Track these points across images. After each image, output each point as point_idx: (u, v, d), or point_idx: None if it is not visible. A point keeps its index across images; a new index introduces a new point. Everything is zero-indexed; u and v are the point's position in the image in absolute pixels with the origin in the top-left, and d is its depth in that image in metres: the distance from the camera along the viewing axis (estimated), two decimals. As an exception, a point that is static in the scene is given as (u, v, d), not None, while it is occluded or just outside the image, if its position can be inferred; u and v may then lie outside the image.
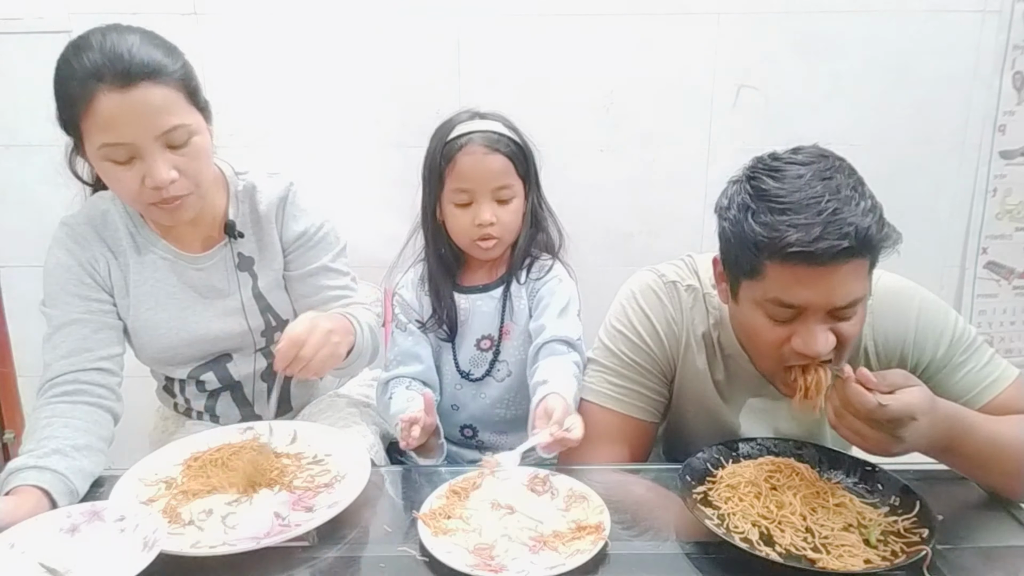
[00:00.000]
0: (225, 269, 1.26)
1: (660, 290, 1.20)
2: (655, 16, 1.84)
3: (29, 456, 1.01)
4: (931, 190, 1.95)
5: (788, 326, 1.01)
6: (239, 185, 1.26)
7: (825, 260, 0.93)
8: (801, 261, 0.94)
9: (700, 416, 1.22)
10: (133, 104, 1.04)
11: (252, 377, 1.34)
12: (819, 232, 0.93)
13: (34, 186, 1.89)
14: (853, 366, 0.99)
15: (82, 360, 1.15)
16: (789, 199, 0.96)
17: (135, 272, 1.22)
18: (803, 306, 0.98)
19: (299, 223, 1.27)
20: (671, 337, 1.19)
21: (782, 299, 0.99)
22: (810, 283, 0.96)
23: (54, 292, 1.19)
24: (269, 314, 1.30)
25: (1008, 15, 1.85)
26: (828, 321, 0.99)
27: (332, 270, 1.31)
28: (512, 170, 1.32)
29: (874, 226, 0.95)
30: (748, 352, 1.13)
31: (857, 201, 0.95)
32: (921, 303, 1.13)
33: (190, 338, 1.26)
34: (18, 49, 1.82)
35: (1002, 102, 1.92)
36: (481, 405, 1.41)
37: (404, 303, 1.41)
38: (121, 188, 1.11)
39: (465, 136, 1.31)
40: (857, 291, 0.98)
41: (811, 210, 0.94)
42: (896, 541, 0.92)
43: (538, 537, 0.95)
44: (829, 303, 0.97)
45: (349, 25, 1.85)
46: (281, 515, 0.99)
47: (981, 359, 1.11)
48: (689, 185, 1.93)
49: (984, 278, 2.04)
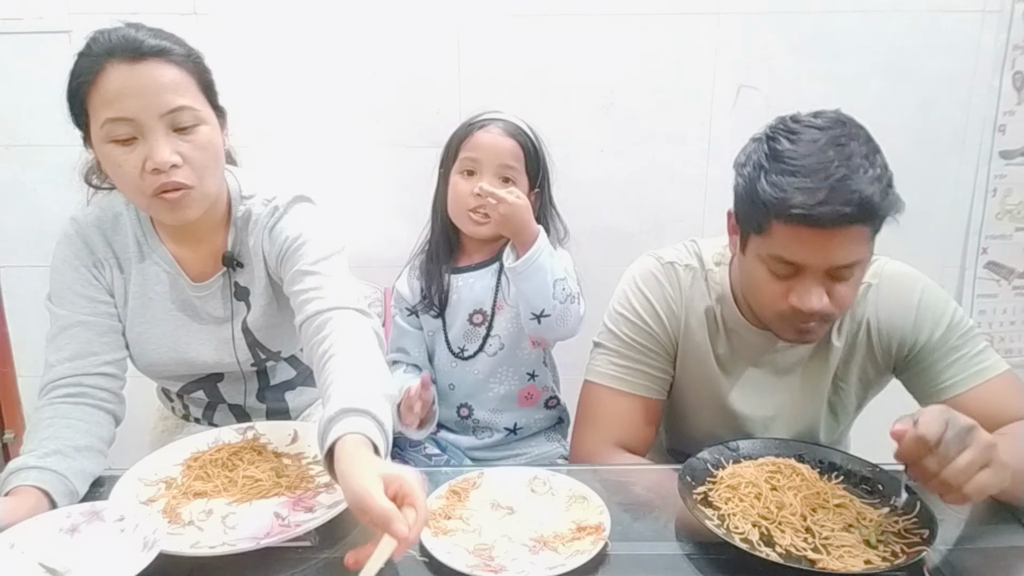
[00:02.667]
0: (222, 298, 1.23)
1: (659, 272, 1.25)
2: (655, 16, 1.84)
3: (29, 456, 1.01)
4: (931, 190, 1.94)
5: (787, 282, 1.06)
6: (238, 212, 1.21)
7: (826, 224, 0.98)
8: (804, 223, 0.99)
9: (700, 390, 1.25)
10: (140, 77, 1.02)
11: (243, 396, 1.33)
12: (823, 196, 0.97)
13: (34, 186, 1.89)
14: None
15: (86, 364, 1.14)
16: (800, 162, 1.00)
17: (135, 283, 1.21)
18: (802, 265, 1.03)
19: (276, 244, 1.18)
20: (671, 316, 1.23)
21: (784, 256, 1.04)
22: (811, 244, 1.01)
23: (60, 290, 1.17)
24: (258, 348, 1.26)
25: (1008, 15, 1.85)
26: (825, 280, 1.04)
27: (307, 273, 1.13)
28: (521, 158, 1.41)
29: (878, 194, 0.99)
30: (749, 301, 1.17)
31: (866, 169, 0.99)
32: (924, 287, 1.18)
33: (180, 358, 1.24)
34: (18, 49, 1.82)
35: (1002, 102, 1.92)
36: (475, 381, 1.48)
37: (398, 296, 1.51)
38: (123, 176, 1.07)
39: (488, 119, 1.43)
40: (856, 254, 1.02)
41: (819, 175, 0.98)
42: (896, 541, 0.92)
43: (538, 537, 0.95)
44: (828, 263, 1.02)
45: (349, 25, 1.85)
46: (281, 515, 0.99)
47: (975, 347, 1.15)
48: (689, 185, 1.93)
49: (984, 278, 2.04)
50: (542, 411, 1.54)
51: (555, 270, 1.33)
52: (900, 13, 1.84)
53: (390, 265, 1.60)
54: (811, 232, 0.99)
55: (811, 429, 1.25)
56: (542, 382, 1.52)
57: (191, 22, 1.81)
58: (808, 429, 1.24)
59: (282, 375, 1.34)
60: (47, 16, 1.81)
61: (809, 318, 1.06)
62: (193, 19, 1.82)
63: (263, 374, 1.32)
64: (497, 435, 1.50)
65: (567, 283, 1.35)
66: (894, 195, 1.02)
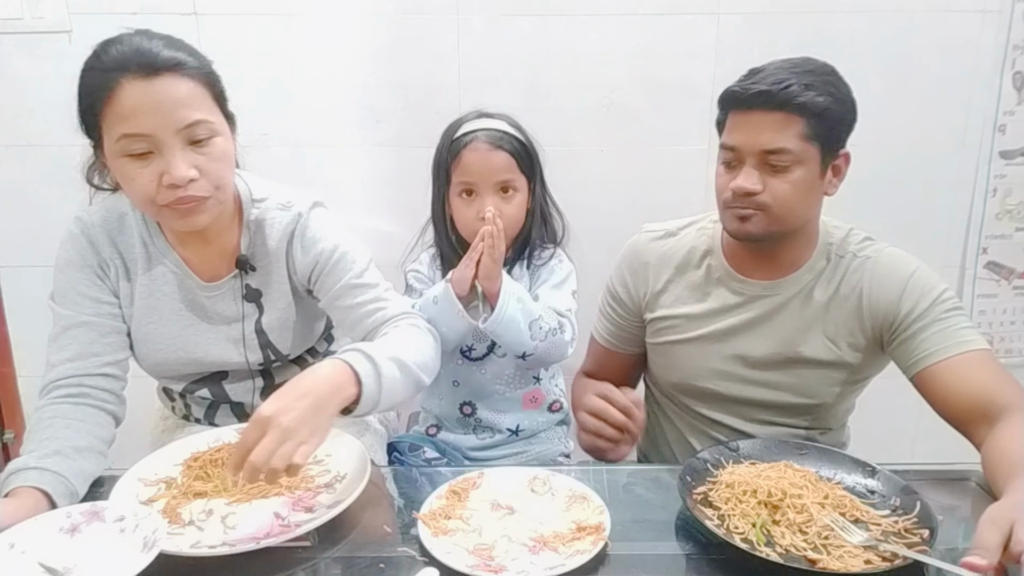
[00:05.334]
0: (233, 298, 1.23)
1: (637, 244, 1.43)
2: (655, 16, 1.84)
3: (29, 457, 1.01)
4: (931, 190, 1.94)
5: (733, 171, 1.20)
6: (251, 215, 1.21)
7: (753, 103, 1.15)
8: (737, 105, 1.18)
9: (677, 344, 1.36)
10: (156, 94, 1.02)
11: (252, 395, 1.33)
12: (755, 81, 1.16)
13: (34, 186, 1.89)
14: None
15: (88, 365, 1.14)
16: (756, 69, 1.19)
17: (142, 284, 1.20)
18: (739, 147, 1.18)
19: (309, 254, 1.21)
20: (640, 284, 1.40)
21: (725, 142, 1.22)
22: (742, 126, 1.18)
23: (64, 289, 1.17)
24: (269, 350, 1.27)
25: (1008, 15, 1.85)
26: (762, 170, 1.17)
27: (358, 286, 1.21)
28: (515, 166, 1.39)
29: (808, 92, 1.13)
30: (717, 207, 1.28)
31: (808, 80, 1.14)
32: (919, 267, 1.24)
33: (187, 358, 1.25)
34: (18, 49, 1.82)
35: (1002, 102, 1.92)
36: (480, 380, 1.48)
37: (418, 274, 1.49)
38: (136, 189, 1.06)
39: (470, 134, 1.39)
40: (781, 141, 1.15)
41: (763, 73, 1.17)
42: (896, 541, 0.92)
43: (538, 538, 0.95)
44: (756, 144, 1.16)
45: (349, 25, 1.85)
46: (281, 515, 0.99)
47: (959, 323, 1.18)
48: (689, 185, 1.92)
49: (984, 278, 2.04)
50: (545, 414, 1.54)
51: (529, 312, 1.33)
52: (900, 13, 1.84)
53: (390, 265, 1.59)
54: (743, 115, 1.17)
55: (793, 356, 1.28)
56: (547, 386, 1.53)
57: (191, 22, 1.81)
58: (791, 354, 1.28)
59: (287, 375, 1.34)
60: (47, 16, 1.81)
61: (745, 201, 1.18)
62: (193, 19, 1.82)
63: (268, 374, 1.32)
64: (499, 435, 1.50)
65: (543, 320, 1.35)
66: (831, 103, 1.15)
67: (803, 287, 1.27)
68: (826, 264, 1.27)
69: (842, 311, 1.25)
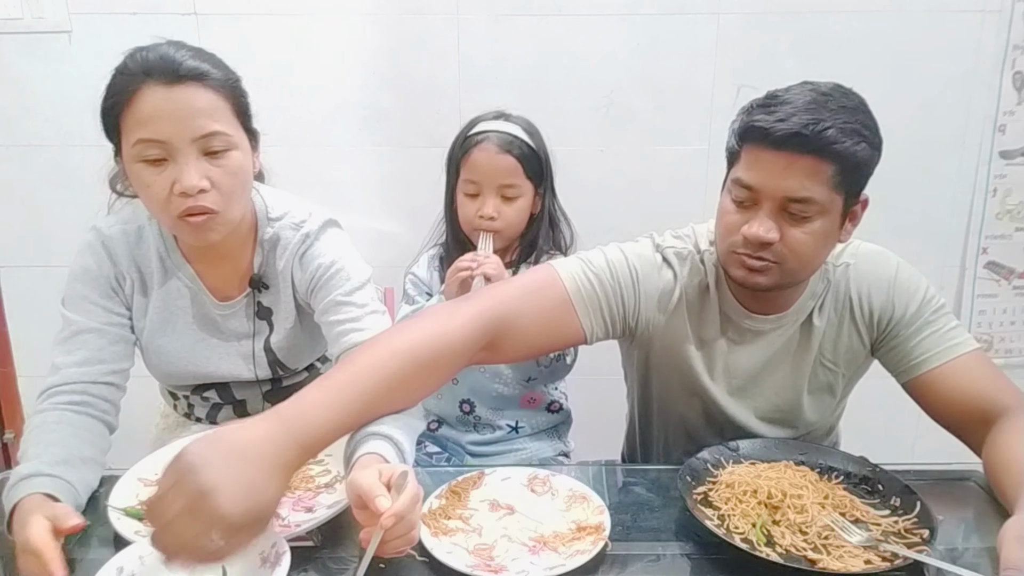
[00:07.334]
0: (245, 316, 1.24)
1: (651, 257, 1.20)
2: (655, 16, 1.84)
3: (40, 463, 0.99)
4: (931, 190, 1.94)
5: (745, 212, 1.06)
6: (266, 234, 1.21)
7: (781, 145, 1.00)
8: (762, 140, 1.02)
9: (675, 374, 1.21)
10: (175, 101, 1.02)
11: (258, 395, 1.33)
12: (784, 116, 1.00)
13: (34, 186, 1.89)
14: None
15: (94, 371, 1.14)
16: (782, 98, 1.03)
17: (157, 298, 1.21)
18: (758, 188, 1.04)
19: (307, 270, 1.20)
20: (646, 297, 1.17)
21: (742, 179, 1.05)
22: (767, 166, 1.02)
23: (76, 297, 1.17)
24: (277, 366, 1.28)
25: (1008, 15, 1.85)
26: (779, 216, 1.04)
27: (343, 303, 1.17)
28: (520, 172, 1.41)
29: (842, 136, 0.99)
30: (716, 244, 1.15)
31: (844, 119, 1.00)
32: (898, 264, 1.19)
33: (197, 371, 1.26)
34: (18, 49, 1.82)
35: (1002, 102, 1.92)
36: (479, 379, 1.49)
37: (416, 280, 1.51)
38: (150, 195, 1.07)
39: (483, 134, 1.42)
40: (808, 190, 1.01)
41: (791, 106, 1.01)
42: (896, 541, 0.92)
43: (538, 537, 0.95)
44: (779, 189, 1.02)
45: (349, 25, 1.85)
46: (281, 515, 0.99)
47: (947, 324, 1.15)
48: (689, 185, 1.92)
49: (984, 278, 2.04)
50: (544, 414, 1.54)
51: None
52: (900, 13, 1.84)
53: (390, 265, 1.60)
54: (768, 154, 1.01)
55: (793, 409, 1.22)
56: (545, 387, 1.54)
57: (191, 22, 1.81)
58: (791, 409, 1.22)
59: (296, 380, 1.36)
60: (47, 16, 1.80)
61: (758, 250, 1.05)
62: (193, 19, 1.81)
63: (276, 379, 1.34)
64: (499, 432, 1.51)
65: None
66: (866, 151, 1.02)
67: (805, 316, 1.18)
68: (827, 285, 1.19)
69: (839, 327, 1.20)
